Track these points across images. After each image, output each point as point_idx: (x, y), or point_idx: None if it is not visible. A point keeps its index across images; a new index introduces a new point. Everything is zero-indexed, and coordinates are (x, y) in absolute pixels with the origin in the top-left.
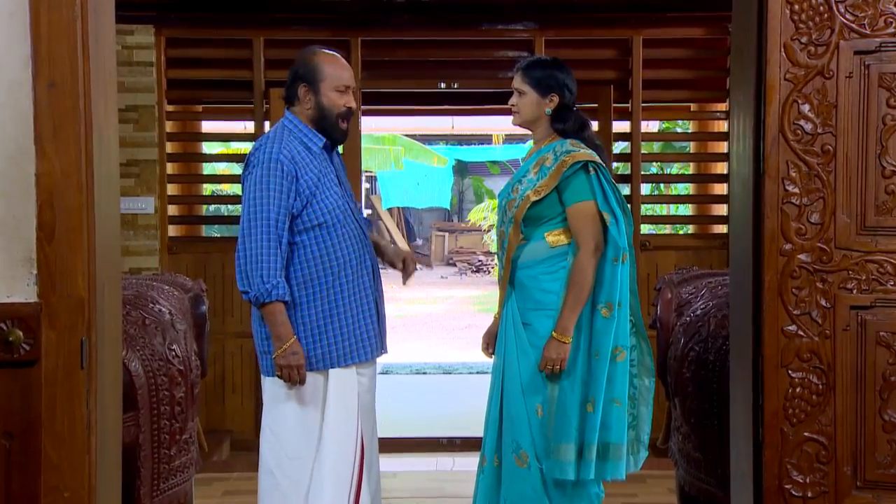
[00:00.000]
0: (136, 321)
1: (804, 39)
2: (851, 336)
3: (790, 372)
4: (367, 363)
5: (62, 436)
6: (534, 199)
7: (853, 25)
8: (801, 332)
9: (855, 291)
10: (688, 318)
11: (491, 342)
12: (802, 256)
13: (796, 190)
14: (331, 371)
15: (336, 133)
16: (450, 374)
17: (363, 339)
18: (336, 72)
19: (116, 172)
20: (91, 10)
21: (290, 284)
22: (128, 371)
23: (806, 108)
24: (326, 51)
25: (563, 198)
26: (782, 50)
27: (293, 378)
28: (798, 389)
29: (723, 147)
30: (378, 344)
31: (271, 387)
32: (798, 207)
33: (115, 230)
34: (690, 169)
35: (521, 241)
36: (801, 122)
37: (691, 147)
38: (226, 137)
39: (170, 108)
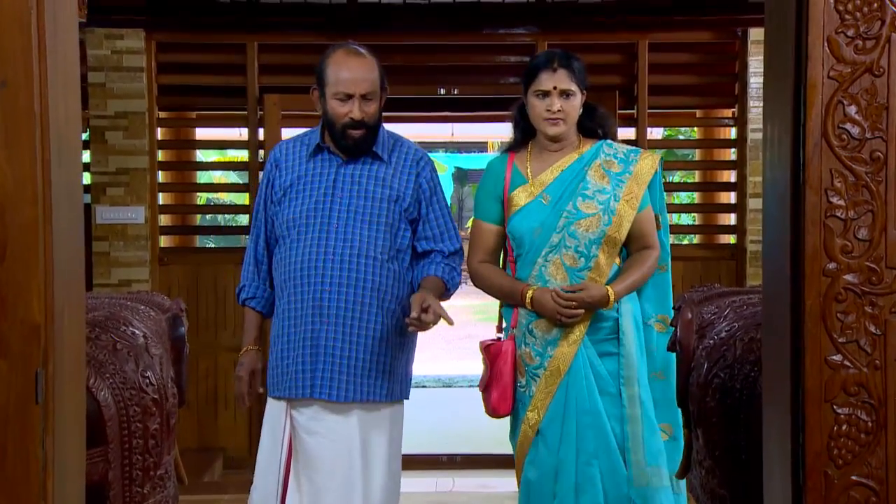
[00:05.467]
0: (106, 345)
1: (850, 32)
2: None
3: (835, 407)
4: (300, 399)
5: (14, 479)
6: (632, 210)
7: None
8: (847, 363)
9: None
10: (711, 342)
11: None
12: (849, 277)
13: (841, 202)
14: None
15: (343, 143)
16: (449, 387)
17: (287, 372)
18: (337, 77)
19: (79, 182)
20: (48, 0)
21: None
22: (96, 401)
23: (852, 109)
24: (344, 49)
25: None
26: (826, 44)
27: (239, 390)
28: (844, 427)
29: (729, 154)
30: (311, 384)
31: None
32: (843, 222)
33: (78, 247)
34: (695, 177)
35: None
36: (847, 126)
37: (696, 154)
38: (217, 145)
39: (161, 114)
